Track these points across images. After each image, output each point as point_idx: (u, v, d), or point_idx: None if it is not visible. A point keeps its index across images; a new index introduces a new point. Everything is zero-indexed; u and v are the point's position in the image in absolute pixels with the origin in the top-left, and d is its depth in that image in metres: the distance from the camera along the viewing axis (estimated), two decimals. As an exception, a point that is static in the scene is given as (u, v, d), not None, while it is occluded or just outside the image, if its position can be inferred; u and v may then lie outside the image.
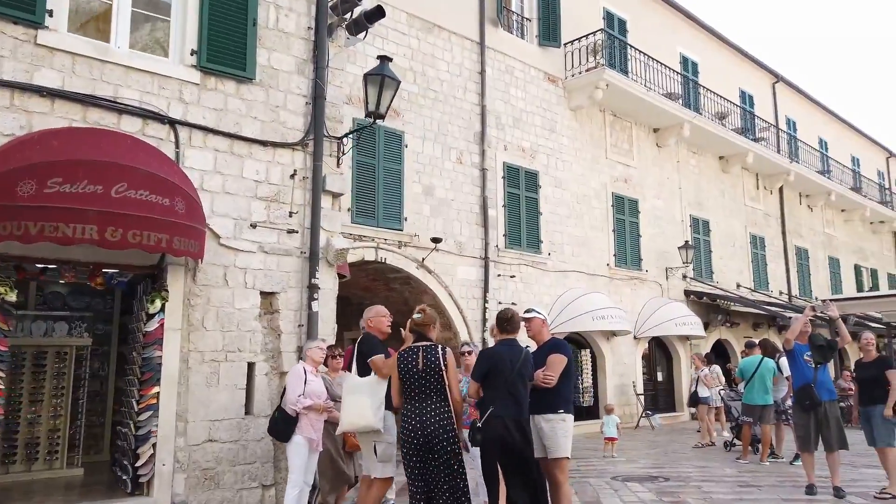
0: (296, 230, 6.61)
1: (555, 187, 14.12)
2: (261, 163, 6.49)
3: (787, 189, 21.74)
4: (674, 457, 9.82)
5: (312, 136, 6.80)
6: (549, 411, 4.65)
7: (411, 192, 11.43)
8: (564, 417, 4.68)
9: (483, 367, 4.54)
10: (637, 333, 15.18)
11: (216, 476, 5.90)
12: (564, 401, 4.74)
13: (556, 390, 4.68)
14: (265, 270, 6.38)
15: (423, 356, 4.37)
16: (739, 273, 19.06)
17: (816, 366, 6.53)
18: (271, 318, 6.41)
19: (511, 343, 4.62)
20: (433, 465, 4.16)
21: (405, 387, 4.36)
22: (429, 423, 4.18)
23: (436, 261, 11.65)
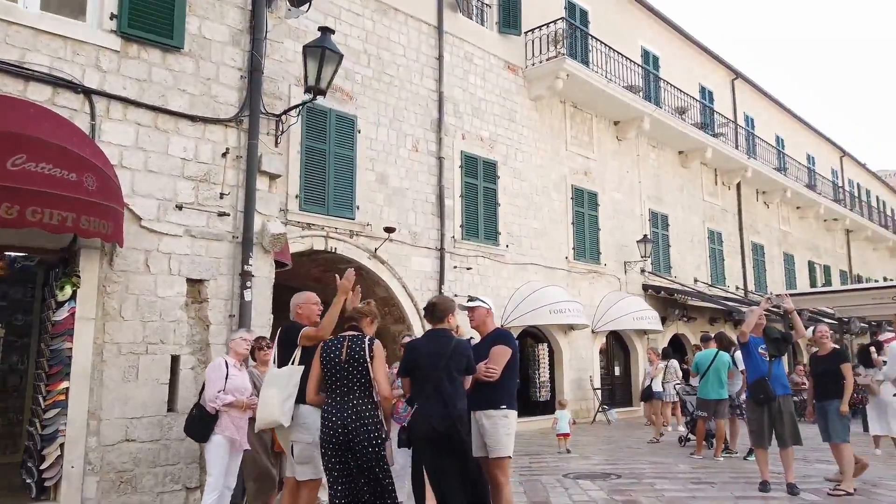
0: (227, 213, 6.13)
1: (514, 178, 13.84)
2: (189, 139, 5.99)
3: (744, 185, 21.93)
4: (628, 452, 9.63)
5: (248, 112, 6.32)
6: (491, 407, 4.31)
7: (364, 179, 10.99)
8: (507, 414, 4.34)
9: (405, 361, 4.20)
10: (595, 327, 15.03)
11: (134, 479, 5.41)
12: (508, 396, 4.40)
13: (499, 384, 4.35)
14: (192, 256, 5.89)
15: (348, 347, 3.97)
16: (697, 268, 19.12)
17: (771, 359, 6.36)
18: (199, 308, 5.93)
19: (438, 334, 4.25)
20: (354, 466, 3.78)
21: (327, 380, 3.97)
22: (350, 421, 3.80)
23: (389, 251, 11.24)
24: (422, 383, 4.01)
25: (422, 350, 4.14)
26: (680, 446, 10.14)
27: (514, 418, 4.40)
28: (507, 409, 4.34)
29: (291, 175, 9.97)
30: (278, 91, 6.78)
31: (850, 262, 29.79)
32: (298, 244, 9.99)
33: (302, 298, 4.77)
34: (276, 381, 4.18)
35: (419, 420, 3.94)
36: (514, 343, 4.55)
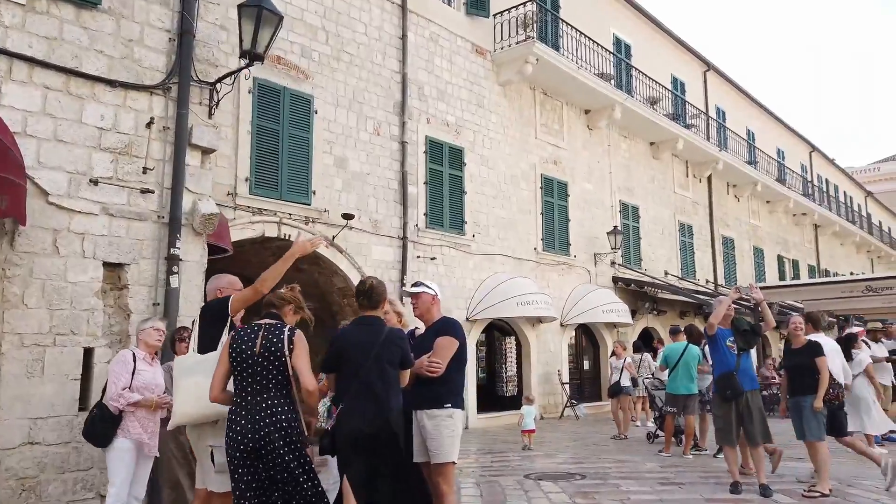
0: (152, 190, 5.52)
1: (481, 165, 13.35)
2: (108, 107, 5.36)
3: (715, 178, 21.76)
4: (595, 450, 9.23)
5: (177, 78, 5.70)
6: (435, 406, 3.81)
7: (321, 163, 10.39)
8: (452, 414, 3.84)
9: (330, 353, 3.63)
10: (563, 320, 14.64)
11: (38, 486, 4.80)
12: (453, 393, 3.90)
13: (444, 380, 3.85)
14: (110, 237, 5.28)
15: (263, 337, 3.41)
16: (668, 261, 18.87)
17: (739, 352, 5.96)
18: (118, 295, 5.32)
19: (367, 321, 3.72)
20: (266, 478, 3.21)
21: (236, 375, 3.39)
22: (262, 425, 3.22)
23: (348, 239, 10.67)
24: (349, 379, 3.49)
25: (349, 340, 3.60)
26: (648, 443, 9.78)
27: (460, 419, 3.90)
28: (453, 409, 3.84)
29: (241, 156, 9.34)
30: (213, 57, 6.17)
31: (819, 256, 29.98)
32: (248, 230, 9.38)
33: (224, 282, 4.20)
34: (201, 368, 3.58)
35: (345, 421, 3.41)
36: (461, 334, 4.04)
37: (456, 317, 13.13)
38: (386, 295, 3.86)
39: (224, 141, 9.17)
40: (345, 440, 3.42)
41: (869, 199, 39.58)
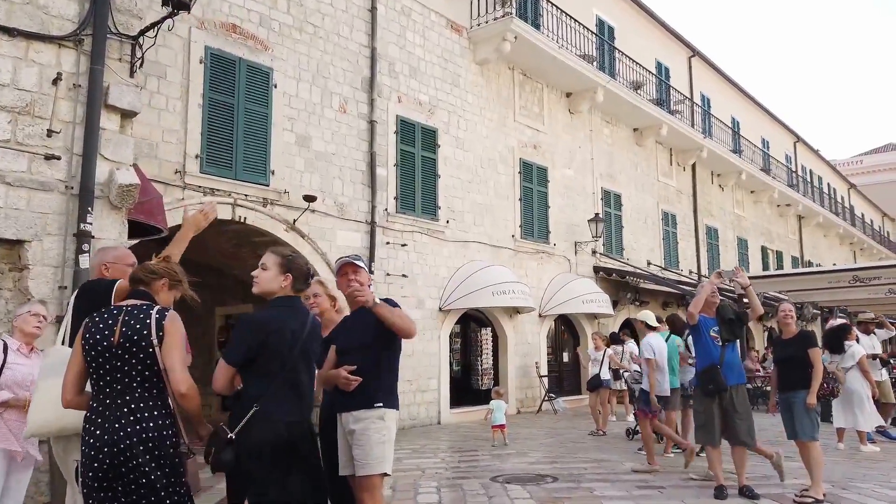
0: (58, 156, 4.81)
1: (456, 148, 12.69)
2: (5, 59, 4.64)
3: (699, 166, 21.29)
4: (571, 448, 8.66)
5: (90, 30, 4.98)
6: (364, 405, 3.17)
7: (281, 141, 9.69)
8: (384, 415, 3.19)
9: (249, 342, 2.79)
10: (542, 311, 14.07)
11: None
12: (386, 390, 3.26)
13: (376, 374, 3.22)
14: (7, 209, 4.57)
15: (123, 323, 2.65)
16: (650, 250, 18.36)
17: (724, 343, 5.39)
18: (18, 277, 4.62)
19: (295, 306, 2.98)
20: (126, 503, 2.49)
21: (92, 373, 2.65)
22: (122, 435, 2.50)
23: (311, 223, 9.99)
24: (271, 374, 2.77)
25: (273, 326, 2.83)
26: (627, 439, 9.23)
27: (393, 421, 3.26)
28: (385, 409, 3.19)
29: (191, 131, 8.62)
30: (136, 8, 5.45)
31: (802, 247, 29.71)
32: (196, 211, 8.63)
33: (110, 256, 3.49)
34: (59, 368, 2.83)
35: (259, 426, 2.70)
36: None
37: (429, 307, 12.63)
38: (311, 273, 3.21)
39: (171, 114, 8.47)
40: (253, 449, 2.71)
41: (852, 191, 39.47)
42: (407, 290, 11.35)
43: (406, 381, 11.22)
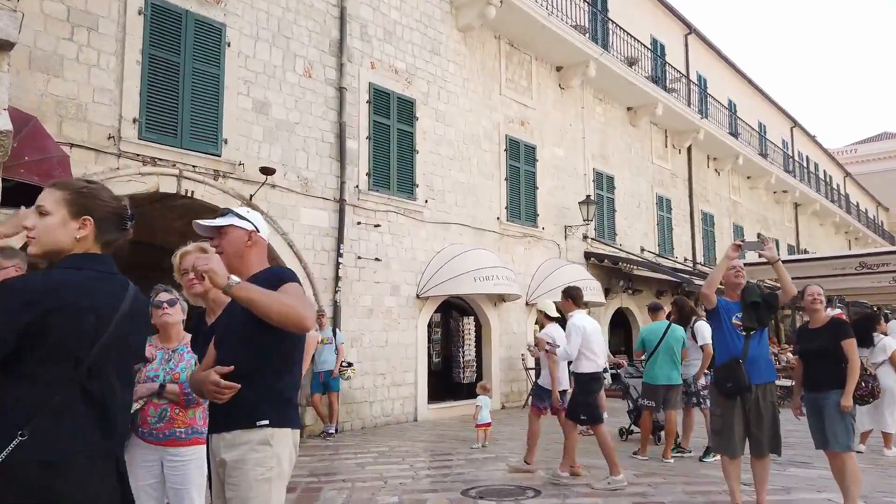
0: None
1: (436, 121, 11.66)
2: None
3: (695, 149, 20.36)
4: (558, 450, 7.69)
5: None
6: (238, 424, 2.16)
7: (236, 106, 8.64)
8: (270, 437, 2.16)
9: (8, 323, 1.66)
10: (529, 299, 13.11)
11: None
12: (273, 401, 2.22)
13: (260, 377, 2.19)
14: None
15: None
16: (644, 236, 17.44)
17: (748, 333, 4.43)
18: None
19: (98, 268, 1.88)
20: None
21: None
22: None
23: (271, 200, 8.97)
24: (51, 382, 1.68)
25: (66, 300, 1.72)
26: (621, 440, 8.31)
27: (285, 447, 2.22)
28: (273, 428, 2.17)
29: (128, 92, 7.56)
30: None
31: (798, 236, 28.93)
32: (137, 183, 7.62)
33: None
34: None
35: (23, 476, 1.60)
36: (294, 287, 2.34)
37: (405, 294, 11.63)
38: None
39: (104, 71, 7.41)
40: None
41: (847, 179, 38.76)
42: (381, 275, 10.36)
43: (379, 375, 10.26)
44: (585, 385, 5.86)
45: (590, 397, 5.83)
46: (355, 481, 6.02)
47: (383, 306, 10.38)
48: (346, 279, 9.83)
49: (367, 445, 8.28)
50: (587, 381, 5.84)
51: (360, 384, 9.91)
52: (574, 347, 5.80)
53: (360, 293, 10.04)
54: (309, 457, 7.48)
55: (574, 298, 6.01)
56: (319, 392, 9.03)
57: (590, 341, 5.82)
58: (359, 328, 9.97)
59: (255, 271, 2.34)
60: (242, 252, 2.37)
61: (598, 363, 5.87)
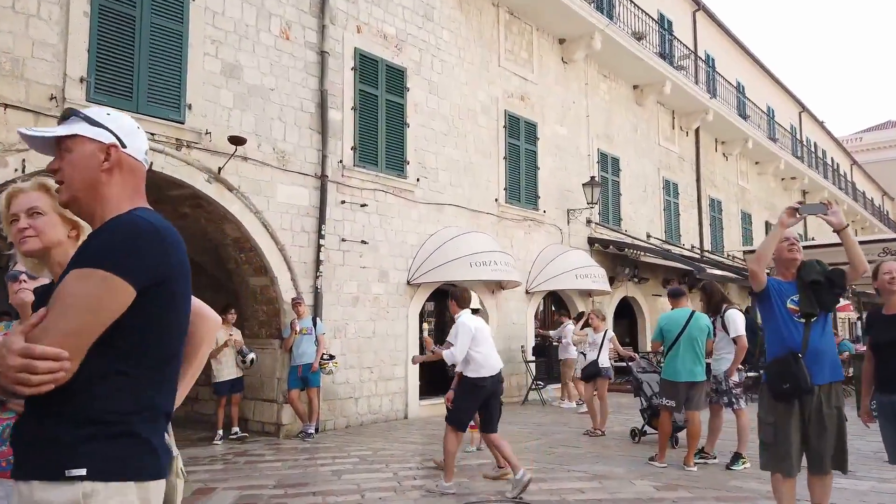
0: None
1: (429, 93, 10.72)
2: None
3: (703, 132, 19.42)
4: (562, 454, 6.85)
5: None
6: (37, 472, 1.23)
7: (202, 68, 7.69)
8: (86, 498, 1.21)
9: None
10: (529, 286, 12.23)
11: None
12: (103, 428, 1.26)
13: (79, 388, 1.26)
14: None
15: None
16: (650, 222, 16.53)
17: (808, 320, 3.52)
18: None
19: None
20: None
21: None
22: None
23: (243, 174, 8.04)
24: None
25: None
26: (633, 442, 7.43)
27: None
28: (95, 483, 1.22)
29: (74, 47, 6.62)
30: None
31: (806, 225, 28.01)
32: (84, 152, 6.65)
33: None
34: None
35: None
36: (152, 256, 1.34)
37: (394, 280, 10.73)
38: None
39: (45, 22, 6.46)
40: None
41: (854, 167, 37.85)
42: (367, 260, 9.45)
43: (365, 369, 9.37)
44: (467, 389, 5.24)
45: (466, 402, 5.24)
46: (327, 494, 5.14)
47: (370, 293, 9.48)
48: (329, 263, 8.92)
49: (348, 448, 7.40)
50: (470, 387, 5.23)
51: (345, 379, 9.02)
52: (462, 348, 5.18)
53: (344, 279, 9.13)
54: (280, 462, 6.59)
55: (458, 300, 5.48)
56: (298, 388, 8.14)
57: (479, 342, 5.24)
58: (343, 317, 9.07)
59: (117, 213, 1.41)
60: (95, 181, 1.43)
61: (487, 367, 5.25)
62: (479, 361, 5.21)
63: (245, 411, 8.73)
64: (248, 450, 7.36)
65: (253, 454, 7.09)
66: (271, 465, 6.42)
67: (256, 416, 8.69)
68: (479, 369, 5.22)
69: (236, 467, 6.35)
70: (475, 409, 5.32)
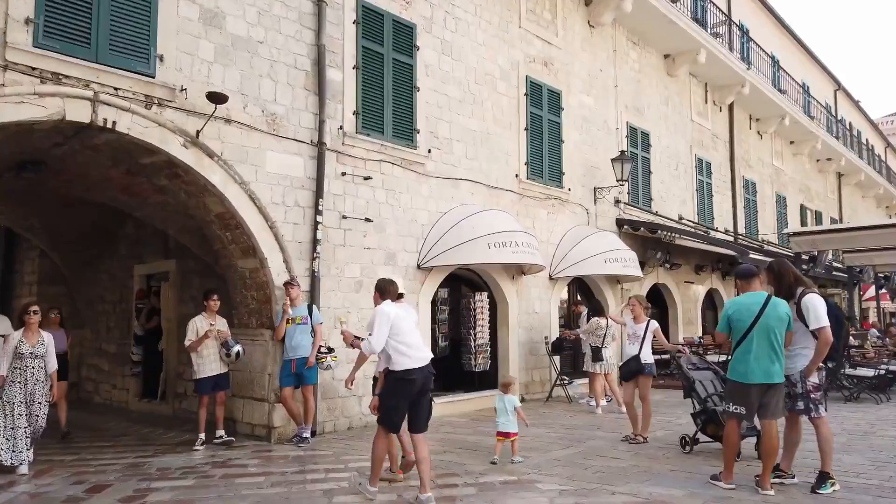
0: None
1: (442, 54, 9.55)
2: None
3: (737, 107, 18.06)
4: (602, 468, 5.72)
5: None
6: None
7: (176, 14, 6.59)
8: None
9: None
10: (553, 272, 11.07)
11: None
12: None
13: None
14: None
15: None
16: (682, 203, 15.27)
17: None
18: None
19: None
20: None
21: None
22: None
23: (226, 139, 6.94)
24: None
25: None
26: (683, 452, 6.27)
27: None
28: None
29: (16, -18, 5.52)
30: None
31: (841, 208, 26.54)
32: (31, 107, 5.64)
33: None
34: None
35: None
36: None
37: (403, 264, 9.55)
38: None
39: (-21, -51, 5.36)
40: None
41: (888, 150, 36.09)
42: (372, 240, 8.34)
43: (371, 363, 8.24)
44: (394, 385, 4.76)
45: (394, 400, 4.74)
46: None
47: (376, 278, 8.33)
48: (328, 243, 7.82)
49: (347, 457, 6.32)
50: (397, 382, 4.74)
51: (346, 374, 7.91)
52: (379, 337, 4.69)
53: (345, 261, 8.03)
54: (264, 476, 5.53)
55: (380, 290, 5.05)
56: (291, 385, 7.08)
57: (401, 331, 4.75)
58: (344, 305, 7.98)
59: None
60: None
61: (414, 359, 4.74)
62: (402, 352, 4.71)
63: (233, 411, 7.69)
64: (231, 458, 6.31)
65: (234, 464, 6.04)
66: (252, 482, 5.36)
67: (245, 417, 7.64)
68: (403, 361, 4.71)
69: (209, 483, 5.29)
70: (405, 408, 4.78)
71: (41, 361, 6.14)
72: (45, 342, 6.20)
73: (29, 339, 6.10)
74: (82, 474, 5.71)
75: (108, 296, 10.95)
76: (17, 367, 6.00)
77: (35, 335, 6.17)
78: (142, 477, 5.56)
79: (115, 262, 10.76)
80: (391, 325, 4.69)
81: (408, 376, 4.69)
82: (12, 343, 6.03)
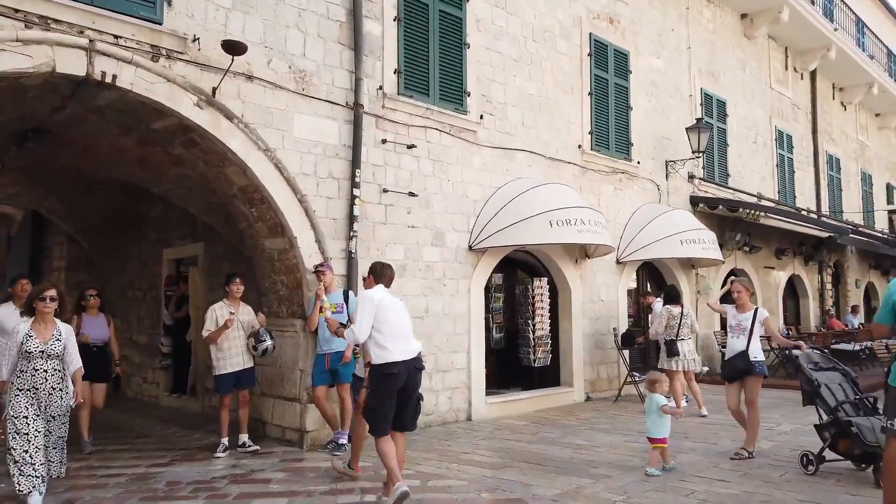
0: None
1: (495, 6, 8.40)
2: None
3: (820, 74, 16.27)
4: (703, 495, 4.54)
5: None
6: None
7: (187, -49, 5.63)
8: None
9: None
10: (621, 255, 9.81)
11: None
12: None
13: None
14: None
15: None
16: (762, 179, 13.71)
17: None
18: None
19: None
20: None
21: None
22: None
23: (247, 98, 5.98)
24: None
25: None
26: (806, 473, 5.01)
27: None
28: None
29: None
30: None
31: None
32: (15, 56, 4.79)
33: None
34: None
35: None
36: None
37: (452, 245, 7.42)
38: None
39: None
40: None
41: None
42: (417, 217, 7.28)
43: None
44: (375, 381, 4.37)
45: (376, 398, 4.34)
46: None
47: (421, 261, 7.31)
48: (367, 221, 6.79)
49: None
50: (379, 377, 4.34)
51: (389, 371, 6.90)
52: (363, 325, 4.35)
53: (386, 241, 6.99)
54: (287, 497, 4.54)
55: (377, 275, 4.75)
56: (325, 384, 6.10)
57: (385, 321, 4.40)
58: (385, 291, 6.94)
59: None
60: None
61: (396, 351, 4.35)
62: (380, 344, 4.35)
63: (262, 412, 6.78)
64: (254, 470, 5.37)
65: (255, 479, 5.09)
66: (271, 502, 4.38)
67: (276, 418, 6.71)
68: (383, 355, 4.34)
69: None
70: (390, 406, 4.34)
71: (57, 363, 4.64)
72: (62, 336, 4.70)
73: (40, 333, 4.60)
74: (78, 489, 4.84)
75: (138, 283, 10.24)
76: (25, 371, 4.51)
77: (49, 328, 4.66)
78: (144, 495, 4.66)
79: (144, 247, 10.03)
80: (374, 315, 4.34)
81: (388, 370, 4.29)
82: (17, 338, 4.56)
